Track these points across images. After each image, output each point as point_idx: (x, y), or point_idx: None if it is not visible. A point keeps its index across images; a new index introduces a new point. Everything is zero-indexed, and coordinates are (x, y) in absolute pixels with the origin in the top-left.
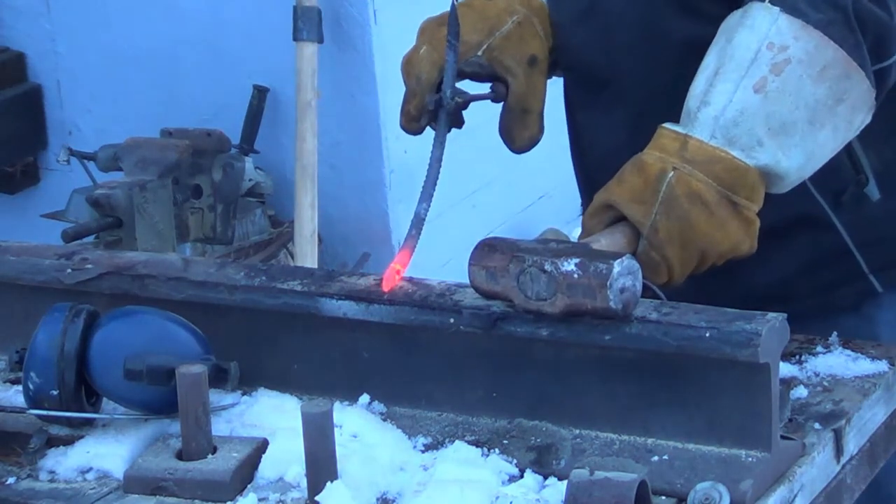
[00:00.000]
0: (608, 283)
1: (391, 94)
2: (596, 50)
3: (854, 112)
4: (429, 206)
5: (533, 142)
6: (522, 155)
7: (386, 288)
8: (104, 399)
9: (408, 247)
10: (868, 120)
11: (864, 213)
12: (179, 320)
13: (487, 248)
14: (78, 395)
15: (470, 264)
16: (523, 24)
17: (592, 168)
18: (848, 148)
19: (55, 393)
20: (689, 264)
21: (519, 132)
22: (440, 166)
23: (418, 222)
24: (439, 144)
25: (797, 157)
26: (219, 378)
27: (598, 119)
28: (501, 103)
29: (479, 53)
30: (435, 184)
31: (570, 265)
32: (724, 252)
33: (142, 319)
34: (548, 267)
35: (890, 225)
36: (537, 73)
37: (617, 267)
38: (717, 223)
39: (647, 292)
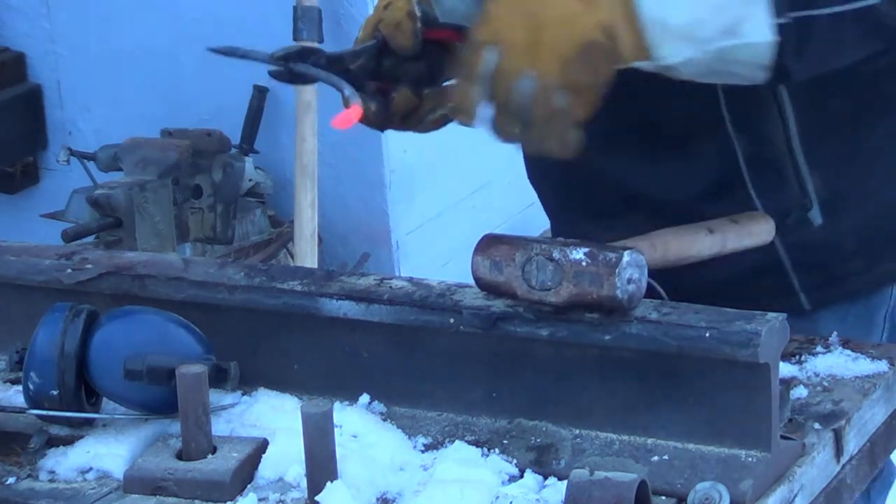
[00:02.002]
0: (617, 271)
1: None
2: None
3: None
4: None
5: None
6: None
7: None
8: (104, 399)
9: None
10: None
11: (804, 237)
12: (180, 320)
13: (494, 240)
14: (78, 395)
15: (474, 254)
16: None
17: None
18: (796, 170)
19: (55, 393)
20: (520, 28)
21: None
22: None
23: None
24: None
25: None
26: (219, 378)
27: None
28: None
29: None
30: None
31: (579, 253)
32: (554, 15)
33: (142, 319)
34: (556, 255)
35: (827, 251)
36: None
37: (626, 257)
38: None
39: (649, 293)
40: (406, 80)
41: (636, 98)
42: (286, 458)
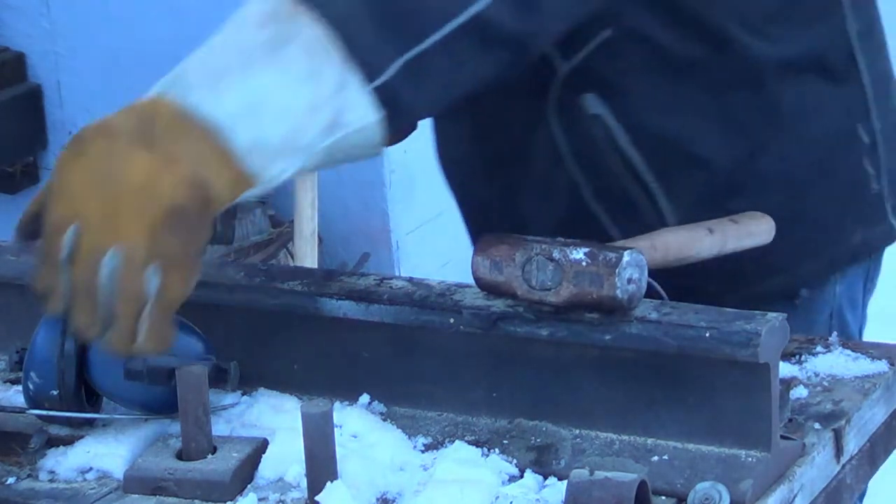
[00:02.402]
0: (617, 271)
1: None
2: None
3: (312, 57)
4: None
5: None
6: None
7: None
8: (104, 399)
9: None
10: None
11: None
12: (180, 320)
13: (494, 239)
14: (78, 395)
15: (474, 254)
16: None
17: (448, 176)
18: (651, 199)
19: (55, 393)
20: (97, 198)
21: None
22: None
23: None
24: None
25: (231, 101)
26: (219, 378)
27: (446, 127)
28: None
29: None
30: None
31: (579, 253)
32: (130, 181)
33: None
34: (556, 255)
35: (683, 272)
36: None
37: (626, 257)
38: (98, 150)
39: (649, 293)
40: None
41: (499, 128)
42: (286, 458)
